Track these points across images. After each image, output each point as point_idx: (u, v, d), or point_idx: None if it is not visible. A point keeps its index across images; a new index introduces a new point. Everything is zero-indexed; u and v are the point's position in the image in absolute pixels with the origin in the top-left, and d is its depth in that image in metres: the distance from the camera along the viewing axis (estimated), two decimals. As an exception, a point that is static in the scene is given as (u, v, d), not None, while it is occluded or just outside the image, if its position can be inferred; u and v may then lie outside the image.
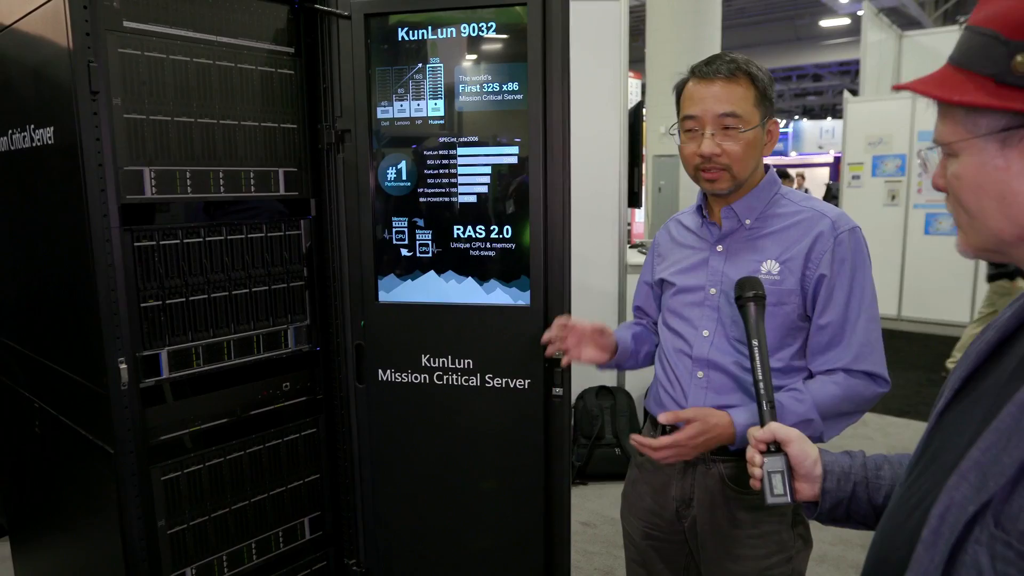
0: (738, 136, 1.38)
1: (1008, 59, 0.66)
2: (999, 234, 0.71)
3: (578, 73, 3.46)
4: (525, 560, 1.89)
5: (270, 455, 1.89)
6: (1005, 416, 0.66)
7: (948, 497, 0.68)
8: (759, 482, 1.05)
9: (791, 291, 1.39)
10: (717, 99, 1.38)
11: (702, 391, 1.46)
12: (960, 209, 0.74)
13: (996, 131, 0.68)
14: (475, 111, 1.79)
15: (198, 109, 1.67)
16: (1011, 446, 0.63)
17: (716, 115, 1.37)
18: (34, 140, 1.66)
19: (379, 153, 1.86)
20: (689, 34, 7.35)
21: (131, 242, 1.59)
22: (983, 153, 0.69)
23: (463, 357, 1.85)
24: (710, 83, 1.39)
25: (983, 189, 0.71)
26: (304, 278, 1.93)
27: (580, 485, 3.64)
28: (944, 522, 0.67)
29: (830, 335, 1.39)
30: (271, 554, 1.91)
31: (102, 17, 1.50)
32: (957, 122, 0.71)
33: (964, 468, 0.67)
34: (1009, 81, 0.66)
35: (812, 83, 22.38)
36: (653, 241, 1.69)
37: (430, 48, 1.79)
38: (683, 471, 1.49)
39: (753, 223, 1.45)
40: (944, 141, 0.73)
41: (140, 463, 1.62)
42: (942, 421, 0.79)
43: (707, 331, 1.46)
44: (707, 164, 1.40)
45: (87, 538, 1.85)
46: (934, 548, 0.67)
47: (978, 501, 0.64)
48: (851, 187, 7.19)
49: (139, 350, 1.62)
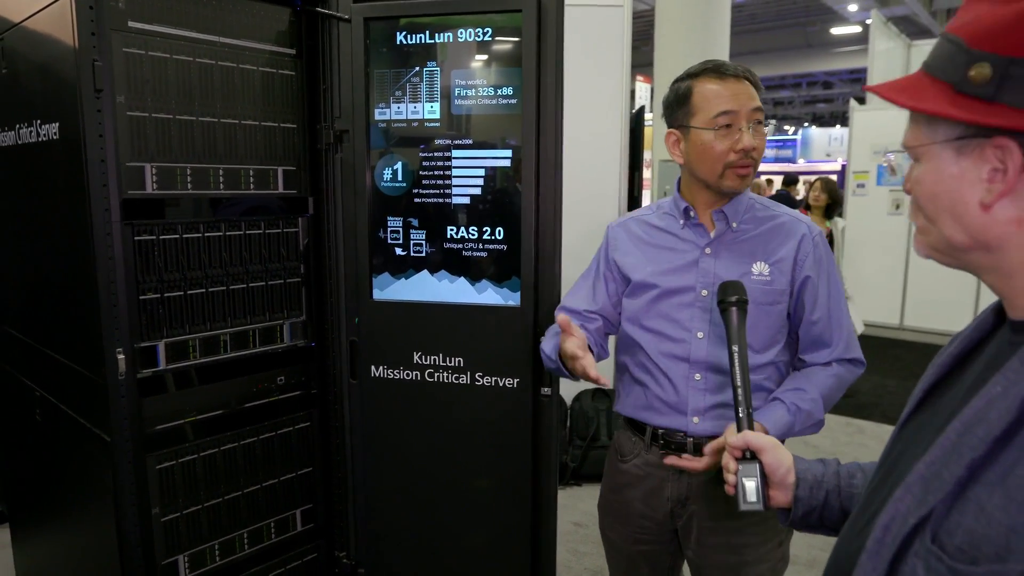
0: (763, 131, 1.44)
1: (966, 68, 0.66)
2: (950, 240, 0.72)
3: (580, 78, 3.50)
4: (512, 554, 1.92)
5: (264, 447, 1.93)
6: (950, 432, 0.67)
7: (893, 508, 0.69)
8: (733, 488, 1.07)
9: (782, 291, 1.46)
10: (749, 95, 1.42)
11: (701, 393, 1.47)
12: (919, 213, 0.75)
13: (952, 139, 0.68)
14: (470, 114, 1.83)
15: (200, 108, 1.72)
16: (951, 462, 0.65)
17: (750, 109, 1.41)
18: (40, 135, 1.71)
19: (376, 154, 1.90)
20: (698, 39, 7.36)
21: (132, 236, 1.63)
22: (940, 160, 0.70)
23: (454, 355, 1.88)
24: (738, 80, 1.42)
25: (938, 196, 0.71)
26: (301, 275, 1.97)
27: (574, 486, 3.67)
28: (888, 533, 0.68)
29: (821, 330, 1.49)
30: (263, 544, 1.95)
31: (108, 17, 1.54)
32: (919, 127, 0.72)
33: (910, 481, 0.68)
34: (966, 90, 0.66)
35: (822, 90, 22.32)
36: (604, 242, 1.64)
37: (427, 52, 1.82)
38: (679, 472, 1.50)
39: (739, 226, 1.49)
40: (908, 145, 0.74)
41: (136, 451, 1.66)
42: (903, 432, 0.81)
43: (701, 333, 1.47)
44: (744, 159, 1.42)
45: (84, 524, 1.90)
46: (877, 558, 0.68)
47: (918, 514, 0.65)
48: (856, 195, 7.19)
49: (137, 341, 1.66)
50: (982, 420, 0.64)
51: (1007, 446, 0.62)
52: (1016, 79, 0.63)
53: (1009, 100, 0.63)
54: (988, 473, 0.62)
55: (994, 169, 0.66)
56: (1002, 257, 0.69)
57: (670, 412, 1.50)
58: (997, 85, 0.64)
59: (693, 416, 1.48)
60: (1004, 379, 0.65)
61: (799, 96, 22.93)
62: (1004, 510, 0.59)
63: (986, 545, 0.59)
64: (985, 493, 0.61)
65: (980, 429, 0.64)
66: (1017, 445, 0.61)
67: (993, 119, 0.64)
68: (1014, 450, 0.61)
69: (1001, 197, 0.66)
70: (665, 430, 1.52)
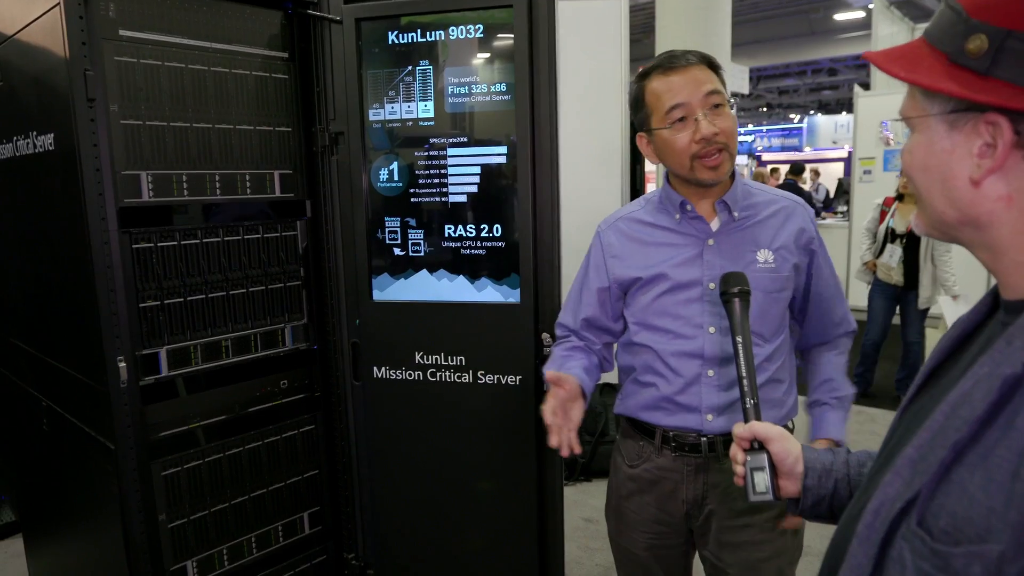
0: (726, 112, 1.38)
1: (964, 38, 0.64)
2: (942, 216, 0.70)
3: (579, 72, 3.48)
4: (519, 552, 1.92)
5: (269, 451, 1.93)
6: (938, 414, 0.66)
7: (883, 493, 0.68)
8: (742, 479, 1.05)
9: (788, 277, 1.44)
10: (697, 82, 1.37)
11: (714, 390, 1.44)
12: (912, 186, 0.73)
13: (945, 112, 0.66)
14: (464, 112, 1.82)
15: (194, 114, 1.72)
16: (936, 445, 0.64)
17: (703, 95, 1.36)
18: (37, 147, 1.72)
19: (372, 155, 1.90)
20: (699, 29, 7.32)
21: (129, 244, 1.64)
22: (933, 132, 0.68)
23: (455, 354, 1.88)
24: (684, 71, 1.38)
25: (929, 170, 0.70)
26: (301, 278, 1.97)
27: (584, 482, 3.66)
28: (878, 517, 0.67)
29: (830, 305, 1.52)
30: (271, 548, 1.96)
31: (98, 26, 1.54)
32: (915, 98, 0.70)
33: (899, 465, 0.68)
34: (961, 62, 0.64)
35: (828, 77, 22.15)
36: (595, 247, 1.56)
37: (420, 51, 1.82)
38: (695, 473, 1.47)
39: (740, 215, 1.46)
40: (904, 115, 0.72)
41: (140, 458, 1.66)
42: (904, 417, 0.79)
43: (713, 328, 1.43)
44: (707, 148, 1.37)
45: (93, 532, 1.91)
46: (867, 542, 0.68)
47: (904, 497, 0.64)
48: (862, 182, 7.12)
49: (139, 349, 1.66)
50: (967, 401, 0.64)
51: (989, 427, 0.61)
52: (1012, 52, 0.61)
53: (1003, 75, 0.62)
54: (971, 454, 0.61)
55: (985, 144, 0.64)
56: (991, 234, 0.68)
57: (680, 412, 1.46)
58: (992, 58, 0.62)
59: (708, 414, 1.44)
60: (990, 360, 0.64)
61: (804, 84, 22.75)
62: (984, 491, 0.58)
63: (968, 527, 0.59)
64: (968, 474, 0.60)
65: (965, 410, 0.63)
66: (999, 426, 0.60)
67: (984, 95, 0.62)
68: (996, 431, 0.60)
69: (990, 173, 0.65)
70: (676, 431, 1.47)
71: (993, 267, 0.70)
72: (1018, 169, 0.64)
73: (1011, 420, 0.59)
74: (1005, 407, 0.60)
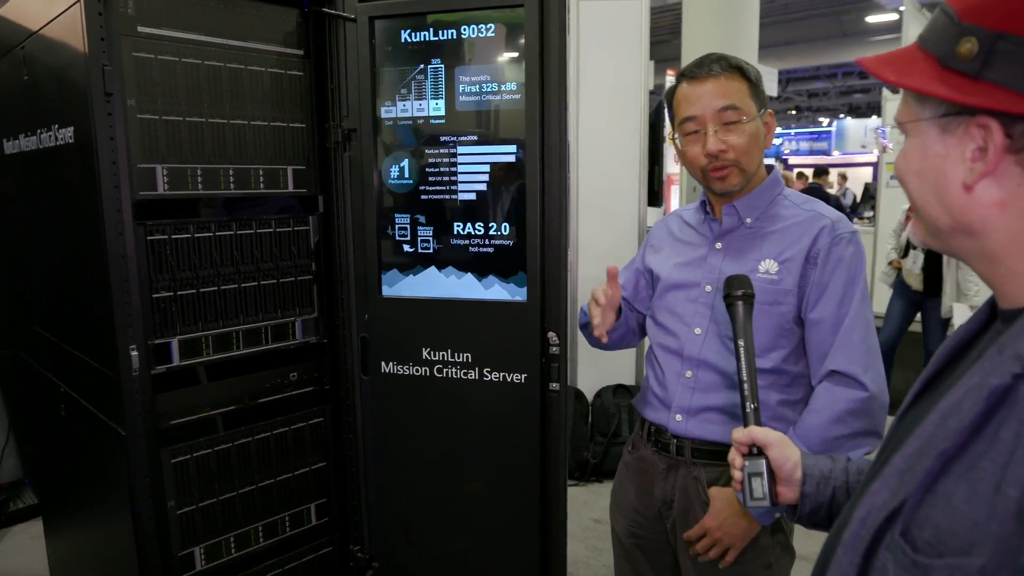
0: (741, 129, 1.37)
1: (955, 42, 0.63)
2: (936, 222, 0.70)
3: (599, 72, 3.48)
4: (521, 547, 1.93)
5: (277, 442, 1.96)
6: (928, 424, 0.65)
7: (870, 502, 0.68)
8: (740, 485, 1.04)
9: (788, 291, 1.39)
10: (713, 95, 1.37)
11: (688, 391, 1.45)
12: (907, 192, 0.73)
13: (937, 116, 0.66)
14: (474, 110, 1.84)
15: (209, 109, 1.75)
16: (924, 455, 0.63)
17: (715, 111, 1.37)
18: (58, 139, 1.76)
19: (383, 151, 1.92)
20: (726, 30, 7.25)
21: (144, 236, 1.67)
22: (926, 137, 0.68)
23: (462, 351, 1.89)
24: (703, 82, 1.39)
25: (923, 175, 0.69)
26: (312, 272, 1.99)
27: (595, 482, 3.66)
28: (863, 526, 0.67)
29: (823, 335, 1.36)
30: (278, 537, 1.99)
31: (117, 23, 1.58)
32: (909, 102, 0.70)
33: (887, 473, 0.67)
34: (952, 66, 0.64)
35: (859, 80, 21.81)
36: (649, 232, 1.69)
37: (431, 49, 1.83)
38: (666, 472, 1.49)
39: (754, 222, 1.45)
40: (899, 120, 0.72)
41: (150, 445, 1.70)
42: (901, 424, 0.79)
43: (699, 329, 1.45)
44: (715, 163, 1.38)
45: (104, 517, 1.95)
46: (852, 551, 0.67)
47: (889, 507, 0.64)
48: (889, 187, 7.02)
49: (151, 338, 1.70)
50: (956, 411, 0.63)
51: (976, 438, 0.60)
52: (1002, 55, 0.60)
53: (994, 78, 0.61)
54: (957, 465, 0.60)
55: (978, 148, 0.64)
56: (985, 241, 0.67)
57: (660, 407, 1.49)
58: (983, 61, 0.61)
59: (676, 413, 1.45)
60: (981, 369, 0.64)
61: (834, 87, 22.43)
62: (969, 503, 0.57)
63: (952, 539, 0.58)
64: (953, 486, 0.60)
65: (953, 420, 0.62)
66: (985, 437, 0.59)
67: (974, 99, 0.62)
68: (982, 442, 0.59)
69: (983, 177, 0.64)
70: (655, 426, 1.51)
71: (989, 278, 0.70)
72: (1011, 174, 0.63)
73: (997, 432, 0.58)
74: (992, 418, 0.59)
